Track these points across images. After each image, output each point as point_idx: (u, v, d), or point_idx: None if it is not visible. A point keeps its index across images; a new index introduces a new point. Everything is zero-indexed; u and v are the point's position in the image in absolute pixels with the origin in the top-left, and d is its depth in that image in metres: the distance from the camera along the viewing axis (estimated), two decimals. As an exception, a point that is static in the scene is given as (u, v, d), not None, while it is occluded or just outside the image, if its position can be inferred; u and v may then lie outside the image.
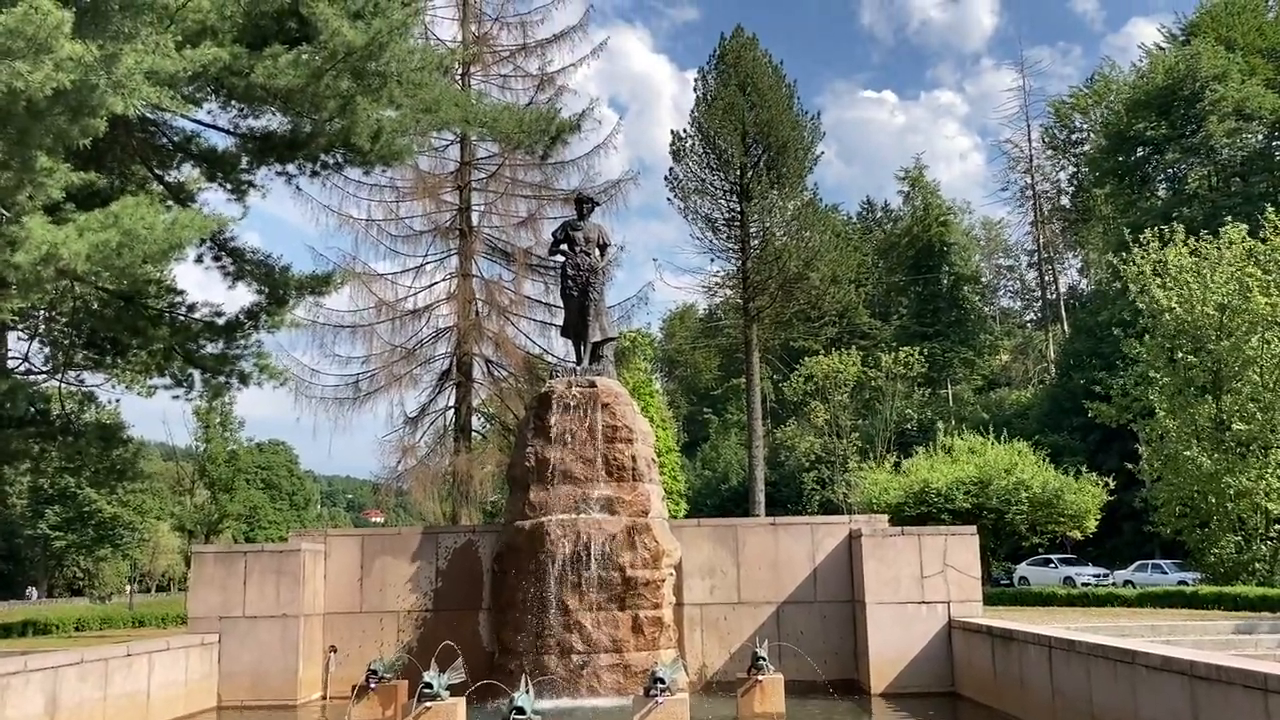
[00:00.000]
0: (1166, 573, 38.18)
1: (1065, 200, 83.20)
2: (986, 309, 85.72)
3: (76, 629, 24.56)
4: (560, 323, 21.79)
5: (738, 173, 48.60)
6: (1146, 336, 31.62)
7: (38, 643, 19.93)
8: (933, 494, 35.70)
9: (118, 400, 36.10)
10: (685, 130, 50.44)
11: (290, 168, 20.67)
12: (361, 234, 32.84)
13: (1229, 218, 34.77)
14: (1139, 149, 62.79)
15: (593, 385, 17.18)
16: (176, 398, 22.81)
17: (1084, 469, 38.10)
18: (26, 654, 12.68)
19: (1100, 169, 67.82)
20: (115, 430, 23.61)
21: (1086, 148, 76.93)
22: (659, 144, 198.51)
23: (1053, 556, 43.91)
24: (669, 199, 51.59)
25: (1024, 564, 44.07)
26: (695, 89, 51.40)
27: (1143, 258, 31.86)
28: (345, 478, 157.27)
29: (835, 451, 56.53)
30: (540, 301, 33.46)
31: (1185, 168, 60.47)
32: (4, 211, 14.12)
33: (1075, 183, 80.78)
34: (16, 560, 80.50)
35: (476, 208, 33.87)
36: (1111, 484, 37.30)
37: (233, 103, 19.15)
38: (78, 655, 12.69)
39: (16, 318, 22.68)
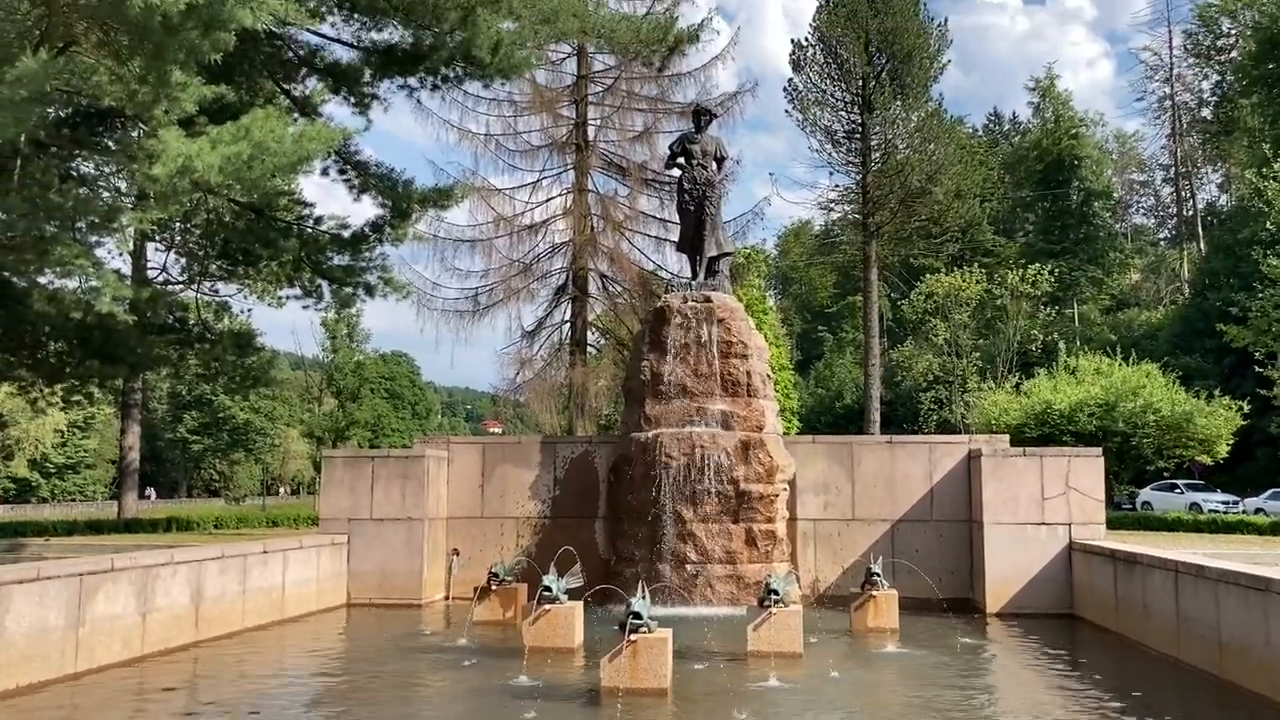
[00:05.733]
0: (1302, 501, 36.65)
1: (1207, 111, 78.52)
2: (1117, 226, 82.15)
3: (215, 527, 25.99)
4: (675, 238, 21.73)
5: (860, 83, 47.14)
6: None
7: (181, 538, 21.17)
8: (1055, 415, 34.88)
9: (250, 310, 37.67)
10: (806, 39, 49.07)
11: (412, 81, 20.83)
12: (480, 149, 33.24)
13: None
14: (1294, 55, 58.82)
15: (708, 300, 17.14)
16: (306, 308, 23.67)
17: (1216, 393, 36.67)
18: (173, 548, 13.47)
19: (1249, 76, 63.71)
20: (248, 338, 24.41)
21: (1234, 54, 72.35)
22: (767, 54, 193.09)
23: (1178, 482, 42.58)
24: (787, 111, 50.55)
25: (1148, 489, 42.83)
26: (817, -4, 49.88)
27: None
28: (465, 389, 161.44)
29: (954, 371, 55.51)
30: (655, 217, 33.42)
31: (1344, 76, 56.47)
32: (142, 125, 14.59)
33: (1219, 92, 76.15)
34: (158, 462, 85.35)
35: (593, 122, 33.78)
36: (1245, 408, 35.87)
37: (355, 16, 19.35)
38: (219, 550, 13.41)
39: (155, 229, 23.58)
